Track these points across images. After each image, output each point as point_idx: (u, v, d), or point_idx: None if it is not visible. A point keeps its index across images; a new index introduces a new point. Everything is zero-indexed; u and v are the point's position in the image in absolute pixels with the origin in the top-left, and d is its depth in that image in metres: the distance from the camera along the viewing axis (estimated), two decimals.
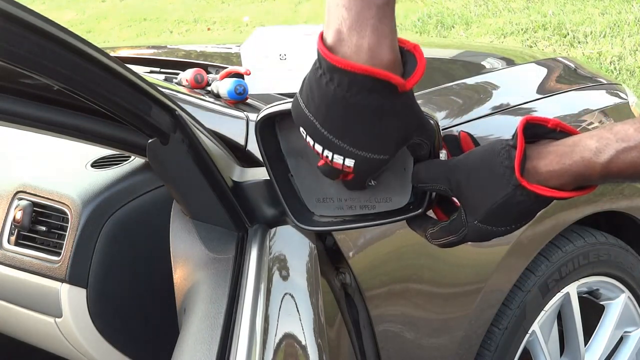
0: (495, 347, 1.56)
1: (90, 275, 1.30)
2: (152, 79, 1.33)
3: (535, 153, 0.75)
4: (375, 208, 0.90)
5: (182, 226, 1.07)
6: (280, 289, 1.01)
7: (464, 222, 0.80)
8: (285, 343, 0.94)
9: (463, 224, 0.80)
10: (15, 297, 1.42)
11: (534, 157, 0.74)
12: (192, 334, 0.90)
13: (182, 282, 1.03)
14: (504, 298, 1.55)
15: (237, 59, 1.53)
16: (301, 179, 0.93)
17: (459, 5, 6.02)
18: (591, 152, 0.71)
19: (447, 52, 2.16)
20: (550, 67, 1.88)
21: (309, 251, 1.09)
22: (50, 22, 0.72)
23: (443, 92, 1.58)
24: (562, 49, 4.79)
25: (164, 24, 7.24)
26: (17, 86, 0.88)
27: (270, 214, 1.04)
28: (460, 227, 0.81)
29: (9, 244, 1.40)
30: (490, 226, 0.78)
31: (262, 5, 7.31)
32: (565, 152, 0.73)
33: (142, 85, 0.87)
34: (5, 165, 1.51)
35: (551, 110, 1.68)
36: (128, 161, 1.38)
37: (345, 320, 1.29)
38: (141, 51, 2.12)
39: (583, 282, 1.73)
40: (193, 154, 0.96)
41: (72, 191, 1.33)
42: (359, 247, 1.29)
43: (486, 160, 0.77)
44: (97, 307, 1.32)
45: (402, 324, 1.40)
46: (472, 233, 0.80)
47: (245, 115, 1.28)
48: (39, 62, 0.72)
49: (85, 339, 1.33)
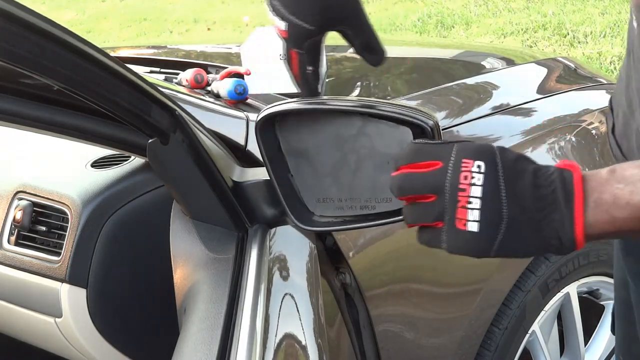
0: (495, 347, 1.56)
1: (90, 275, 1.30)
2: (152, 79, 1.33)
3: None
4: (375, 208, 0.90)
5: (182, 226, 1.07)
6: (280, 289, 1.01)
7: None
8: (285, 343, 0.94)
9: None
10: (15, 297, 1.42)
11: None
12: (192, 334, 0.90)
13: (182, 282, 1.03)
14: (504, 298, 1.55)
15: (237, 59, 1.53)
16: (301, 179, 0.93)
17: (459, 5, 6.02)
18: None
19: (447, 52, 2.16)
20: (550, 67, 1.88)
21: (309, 251, 1.09)
22: (50, 22, 0.71)
23: (443, 92, 1.58)
24: (562, 49, 4.79)
25: (164, 24, 7.24)
26: (17, 86, 0.88)
27: (270, 214, 1.04)
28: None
29: (9, 244, 1.40)
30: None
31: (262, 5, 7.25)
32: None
33: (142, 85, 0.87)
34: (5, 165, 1.51)
35: (551, 110, 1.68)
36: (128, 161, 1.38)
37: (345, 320, 1.29)
38: (141, 51, 2.12)
39: (583, 282, 1.73)
40: (193, 154, 0.96)
41: (72, 191, 1.33)
42: (359, 247, 1.29)
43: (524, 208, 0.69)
44: (97, 307, 1.32)
45: (402, 324, 1.39)
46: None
47: (245, 115, 1.28)
48: (39, 62, 0.72)
49: (85, 339, 1.33)
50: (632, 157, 0.93)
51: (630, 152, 0.94)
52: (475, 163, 0.69)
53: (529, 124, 1.62)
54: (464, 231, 0.69)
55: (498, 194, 0.68)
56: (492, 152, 0.70)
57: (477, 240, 0.69)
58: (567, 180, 0.68)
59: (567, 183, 0.68)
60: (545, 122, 1.64)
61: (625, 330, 1.15)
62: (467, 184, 0.68)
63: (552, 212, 0.67)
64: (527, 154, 1.64)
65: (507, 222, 0.68)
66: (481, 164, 0.69)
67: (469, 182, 0.68)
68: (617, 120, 0.98)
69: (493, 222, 0.68)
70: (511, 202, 0.68)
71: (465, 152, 0.70)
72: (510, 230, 0.68)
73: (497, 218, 0.68)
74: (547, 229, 0.68)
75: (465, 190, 0.68)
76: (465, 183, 0.68)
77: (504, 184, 0.68)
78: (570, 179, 0.68)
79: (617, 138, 0.98)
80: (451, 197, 0.69)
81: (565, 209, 0.67)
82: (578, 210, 0.67)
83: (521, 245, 0.69)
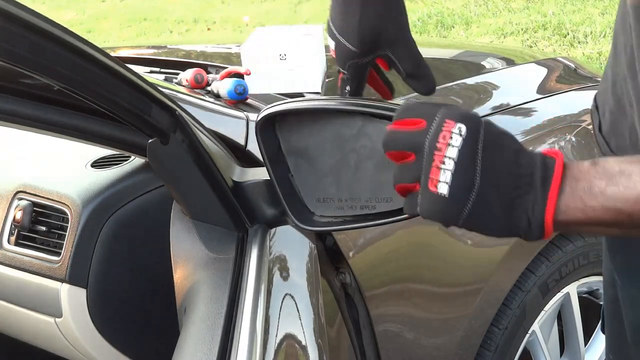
0: (495, 347, 1.56)
1: (90, 275, 1.30)
2: (152, 79, 1.33)
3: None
4: (375, 208, 0.90)
5: (182, 226, 1.07)
6: (280, 289, 1.01)
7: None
8: (285, 343, 0.94)
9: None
10: (15, 297, 1.42)
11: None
12: (192, 334, 0.90)
13: (183, 282, 1.03)
14: (504, 298, 1.55)
15: (237, 59, 1.53)
16: (301, 179, 0.93)
17: (459, 5, 6.02)
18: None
19: (447, 52, 2.16)
20: (550, 67, 1.88)
21: (309, 251, 1.09)
22: (50, 22, 0.71)
23: (443, 92, 1.58)
24: (562, 49, 4.79)
25: (164, 24, 7.24)
26: (17, 86, 0.88)
27: (270, 214, 1.04)
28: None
29: (9, 244, 1.40)
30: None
31: (262, 5, 7.31)
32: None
33: (142, 85, 0.87)
34: (5, 165, 1.51)
35: (551, 110, 1.68)
36: (128, 161, 1.38)
37: (345, 320, 1.29)
38: (141, 51, 2.12)
39: (583, 282, 1.73)
40: (193, 154, 0.96)
41: (72, 191, 1.33)
42: (359, 247, 1.29)
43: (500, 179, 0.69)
44: (97, 307, 1.32)
45: (402, 324, 1.39)
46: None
47: (245, 115, 1.28)
48: (39, 62, 0.72)
49: (85, 339, 1.33)
50: (622, 153, 0.93)
51: (619, 149, 0.94)
52: (457, 125, 0.69)
53: (529, 124, 1.62)
54: (434, 193, 0.68)
55: (473, 160, 0.68)
56: (477, 120, 0.70)
57: (446, 204, 0.68)
58: (548, 165, 0.68)
59: (547, 167, 0.68)
60: (545, 122, 1.64)
61: (614, 330, 1.15)
62: (444, 144, 0.68)
63: (526, 193, 0.67)
64: None
65: (478, 191, 0.67)
66: (462, 127, 0.68)
67: (446, 142, 0.68)
68: (604, 119, 0.98)
69: (463, 187, 0.67)
70: (486, 172, 0.68)
71: (450, 114, 0.70)
72: (480, 201, 0.67)
73: (468, 184, 0.67)
74: (519, 208, 0.67)
75: (441, 150, 0.68)
76: (443, 142, 0.68)
77: (481, 152, 0.68)
78: (552, 164, 0.68)
79: (604, 136, 0.98)
80: (428, 155, 0.68)
81: (540, 192, 0.67)
82: (552, 195, 0.67)
83: (490, 221, 0.68)
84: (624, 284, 1.05)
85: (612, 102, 0.95)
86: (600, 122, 1.00)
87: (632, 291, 1.03)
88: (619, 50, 0.91)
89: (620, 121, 0.93)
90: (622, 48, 0.89)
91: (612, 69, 0.95)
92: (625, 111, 0.91)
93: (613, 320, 1.14)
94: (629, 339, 1.07)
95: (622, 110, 0.92)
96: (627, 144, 0.92)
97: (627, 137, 0.92)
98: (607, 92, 0.97)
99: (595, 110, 1.03)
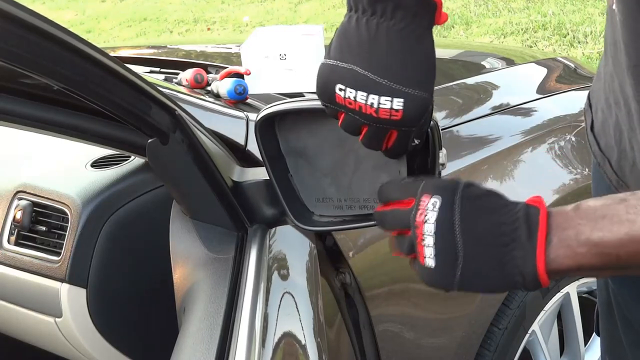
0: (495, 347, 1.56)
1: (90, 275, 1.30)
2: (152, 79, 1.33)
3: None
4: (374, 208, 0.90)
5: (182, 226, 1.07)
6: (279, 289, 1.01)
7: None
8: (284, 342, 0.94)
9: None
10: (15, 297, 1.42)
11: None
12: (191, 334, 0.90)
13: (182, 282, 1.03)
14: (504, 298, 1.55)
15: (237, 59, 1.53)
16: (301, 179, 0.93)
17: (459, 5, 6.02)
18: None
19: (447, 52, 2.16)
20: (550, 67, 1.88)
21: (309, 251, 1.09)
22: (50, 22, 0.72)
23: (443, 92, 1.58)
24: (562, 49, 4.79)
25: (164, 24, 7.24)
26: (17, 86, 0.88)
27: (270, 213, 1.04)
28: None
29: (9, 243, 1.40)
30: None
31: (262, 5, 7.31)
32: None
33: (142, 85, 0.87)
34: (5, 165, 1.51)
35: (551, 110, 1.68)
36: (128, 161, 1.38)
37: (345, 320, 1.29)
38: (141, 51, 2.13)
39: (583, 282, 1.73)
40: (193, 154, 0.96)
41: (72, 191, 1.33)
42: (359, 247, 1.29)
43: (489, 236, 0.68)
44: (97, 307, 1.32)
45: (402, 324, 1.39)
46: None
47: (245, 115, 1.28)
48: (39, 62, 0.72)
49: (85, 339, 1.33)
50: (610, 153, 0.93)
51: (608, 148, 0.94)
52: (431, 200, 0.69)
53: (529, 124, 1.62)
54: (424, 266, 0.70)
55: (451, 231, 0.68)
56: (452, 188, 0.70)
57: (438, 276, 0.69)
58: (532, 217, 0.67)
59: (531, 219, 0.67)
60: (545, 122, 1.64)
61: (608, 331, 1.15)
62: (420, 222, 0.69)
63: (513, 249, 0.67)
64: (527, 154, 1.65)
65: (464, 258, 0.68)
66: (437, 200, 0.69)
67: (422, 220, 0.69)
68: (596, 117, 0.99)
69: (447, 259, 0.68)
70: (468, 239, 0.68)
71: (426, 188, 0.71)
72: (469, 266, 0.68)
73: (451, 254, 0.68)
74: (509, 265, 0.67)
75: (419, 227, 0.69)
76: (420, 220, 0.69)
77: (459, 221, 0.68)
78: (535, 215, 0.67)
79: (595, 135, 0.99)
80: (413, 233, 0.70)
81: (527, 246, 0.66)
82: (540, 246, 0.66)
83: (483, 282, 0.69)
84: (617, 287, 1.05)
85: (603, 101, 0.95)
86: (592, 120, 1.00)
87: (624, 292, 1.03)
88: (606, 48, 0.92)
89: (608, 121, 0.93)
90: (608, 46, 0.90)
91: (603, 68, 0.96)
92: (612, 109, 0.91)
93: (607, 322, 1.14)
94: (623, 340, 1.07)
95: (609, 109, 0.92)
96: (612, 143, 0.92)
97: (612, 136, 0.92)
98: (599, 91, 0.97)
99: (588, 108, 1.03)
